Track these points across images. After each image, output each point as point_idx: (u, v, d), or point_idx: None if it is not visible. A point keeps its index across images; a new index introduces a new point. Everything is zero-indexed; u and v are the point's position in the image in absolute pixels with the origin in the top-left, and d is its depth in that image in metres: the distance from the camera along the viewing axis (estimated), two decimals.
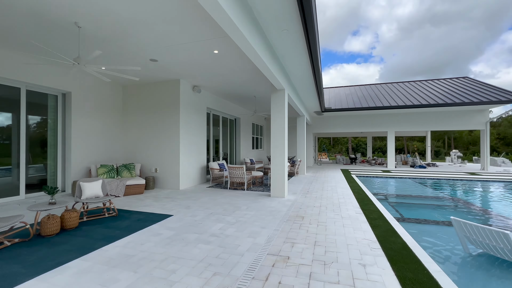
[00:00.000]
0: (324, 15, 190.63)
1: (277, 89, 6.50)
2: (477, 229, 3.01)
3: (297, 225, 4.25)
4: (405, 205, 6.57)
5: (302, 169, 11.81)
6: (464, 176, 11.43)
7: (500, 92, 13.63)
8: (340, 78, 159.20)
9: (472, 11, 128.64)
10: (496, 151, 48.62)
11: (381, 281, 2.48)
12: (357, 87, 20.40)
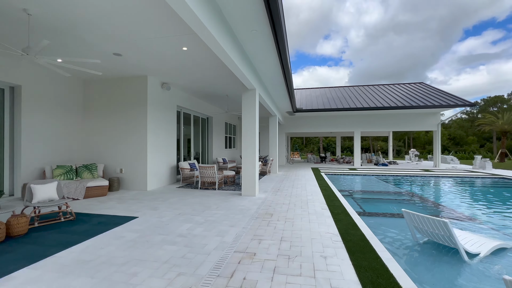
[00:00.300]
0: (297, 18, 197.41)
1: (248, 88, 6.56)
2: (423, 219, 3.35)
3: (266, 222, 4.34)
4: (367, 200, 7.04)
5: (274, 168, 12.04)
6: (419, 173, 12.57)
7: (450, 97, 15.20)
8: (313, 80, 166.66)
9: (429, 22, 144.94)
10: (447, 150, 54.17)
11: (339, 270, 2.65)
12: (327, 89, 21.29)
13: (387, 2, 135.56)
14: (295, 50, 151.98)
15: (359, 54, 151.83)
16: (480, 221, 4.93)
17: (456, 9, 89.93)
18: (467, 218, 5.16)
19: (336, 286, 2.37)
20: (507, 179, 10.68)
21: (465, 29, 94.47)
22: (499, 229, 4.47)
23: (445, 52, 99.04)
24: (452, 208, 6.18)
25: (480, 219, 5.14)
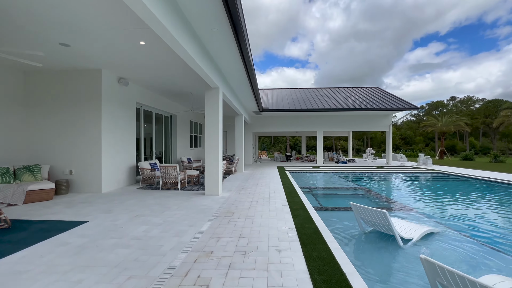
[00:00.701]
0: (266, 19, 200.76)
1: (211, 87, 6.51)
2: (367, 210, 3.72)
3: (226, 220, 4.38)
4: (326, 196, 7.51)
5: (240, 167, 12.11)
6: (372, 170, 13.75)
7: (399, 101, 16.87)
8: (281, 80, 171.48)
9: (384, 32, 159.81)
10: (399, 148, 59.99)
11: (291, 262, 2.81)
12: (293, 90, 22.02)
13: (349, 10, 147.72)
14: (264, 51, 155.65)
15: (324, 57, 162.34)
16: (416, 211, 5.60)
17: (407, 22, 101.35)
18: (408, 208, 5.83)
19: (286, 276, 2.52)
20: (442, 174, 12.26)
21: (415, 40, 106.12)
22: (431, 217, 5.14)
23: (398, 60, 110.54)
24: (397, 199, 6.91)
25: (417, 209, 5.85)
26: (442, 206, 6.35)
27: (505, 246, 3.74)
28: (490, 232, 4.36)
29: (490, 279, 2.43)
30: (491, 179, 9.79)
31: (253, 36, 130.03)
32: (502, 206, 6.28)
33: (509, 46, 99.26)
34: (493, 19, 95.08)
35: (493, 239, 4.05)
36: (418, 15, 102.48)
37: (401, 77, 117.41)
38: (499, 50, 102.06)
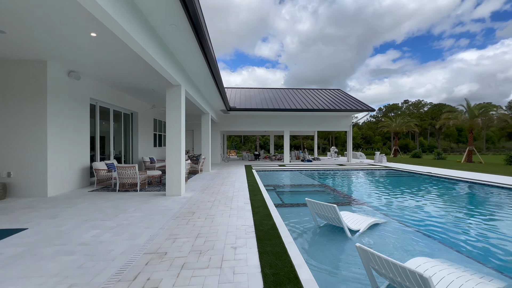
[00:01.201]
0: (237, 17, 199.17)
1: (173, 84, 6.32)
2: (320, 205, 3.96)
3: (186, 221, 4.31)
4: (288, 193, 7.78)
5: (207, 166, 11.95)
6: (334, 167, 14.59)
7: (359, 103, 18.11)
8: (252, 79, 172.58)
9: (349, 38, 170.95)
10: (360, 147, 64.47)
11: (245, 258, 2.88)
12: (262, 90, 22.29)
13: (317, 14, 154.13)
14: (234, 49, 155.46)
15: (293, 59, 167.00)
16: (367, 204, 6.11)
17: (369, 29, 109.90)
18: (360, 202, 6.32)
19: (239, 272, 2.58)
20: (393, 170, 13.51)
21: (375, 47, 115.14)
22: (379, 209, 5.65)
23: (360, 65, 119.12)
24: (351, 194, 7.45)
25: (368, 202, 6.38)
26: (389, 199, 7.02)
27: (436, 232, 4.28)
28: (425, 220, 4.95)
29: (416, 261, 2.77)
30: (432, 174, 11.06)
31: (223, 34, 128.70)
32: (439, 198, 7.15)
33: (451, 56, 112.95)
34: (439, 32, 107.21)
35: (427, 226, 4.60)
36: (378, 23, 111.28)
37: (363, 81, 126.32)
38: (444, 60, 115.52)
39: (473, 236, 4.17)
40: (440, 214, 5.42)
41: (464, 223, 4.84)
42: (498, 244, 3.80)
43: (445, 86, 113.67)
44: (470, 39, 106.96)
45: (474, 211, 5.67)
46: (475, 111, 20.07)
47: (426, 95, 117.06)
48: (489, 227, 4.61)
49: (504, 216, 5.30)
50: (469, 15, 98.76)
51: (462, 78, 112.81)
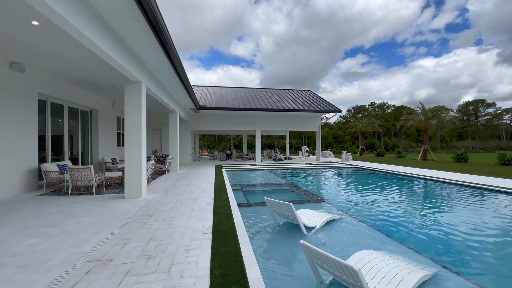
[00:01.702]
0: (212, 14, 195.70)
1: (132, 81, 5.99)
2: (277, 204, 4.04)
3: (141, 224, 4.11)
4: (255, 192, 7.83)
5: (175, 166, 11.57)
6: (303, 166, 15.02)
7: (328, 104, 18.85)
8: (227, 78, 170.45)
9: (321, 41, 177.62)
10: (331, 146, 67.26)
11: (196, 261, 2.82)
12: (236, 89, 22.14)
13: (291, 17, 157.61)
14: (209, 46, 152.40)
15: (268, 59, 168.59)
16: (328, 201, 6.37)
17: (340, 34, 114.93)
18: (321, 199, 6.57)
19: (187, 275, 2.52)
20: (357, 168, 14.31)
21: (345, 51, 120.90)
22: (338, 206, 5.93)
23: (332, 67, 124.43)
24: (315, 192, 7.73)
25: (329, 199, 6.66)
26: (349, 195, 7.40)
27: (386, 226, 4.60)
28: (378, 215, 5.29)
29: (361, 254, 2.93)
30: (390, 171, 11.90)
31: (197, 30, 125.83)
32: (393, 193, 7.70)
33: (412, 63, 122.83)
34: (402, 40, 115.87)
35: (379, 220, 4.92)
36: (348, 29, 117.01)
37: (335, 83, 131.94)
38: (406, 66, 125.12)
39: (417, 228, 4.55)
40: (392, 208, 5.83)
41: (412, 216, 5.26)
42: (438, 235, 4.19)
43: (407, 90, 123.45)
44: (428, 47, 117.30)
45: (422, 205, 6.20)
46: (429, 114, 22.05)
47: (391, 97, 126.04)
48: (433, 219, 5.07)
49: (446, 208, 5.87)
50: (427, 26, 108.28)
51: (421, 83, 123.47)
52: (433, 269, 2.84)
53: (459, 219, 4.97)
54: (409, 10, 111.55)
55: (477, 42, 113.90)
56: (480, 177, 9.68)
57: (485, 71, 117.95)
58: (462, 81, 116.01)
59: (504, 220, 4.87)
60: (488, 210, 5.63)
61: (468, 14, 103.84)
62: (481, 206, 5.97)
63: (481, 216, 5.11)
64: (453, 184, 8.57)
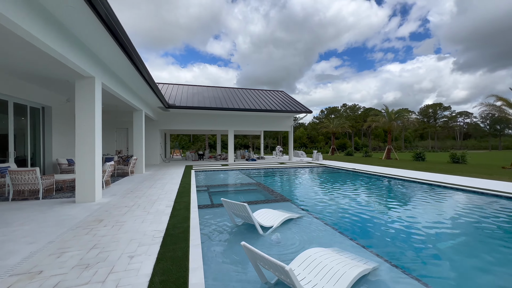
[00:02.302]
0: (187, 11, 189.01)
1: (84, 76, 5.56)
2: (233, 204, 4.00)
3: (87, 230, 3.82)
4: (221, 193, 7.72)
5: (140, 167, 11.03)
6: (275, 166, 15.20)
7: (300, 105, 19.27)
8: (203, 77, 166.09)
9: (297, 43, 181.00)
10: (306, 146, 69.07)
11: (137, 268, 2.67)
12: (209, 88, 21.73)
13: (268, 18, 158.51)
14: (184, 44, 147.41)
15: (245, 59, 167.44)
16: (291, 200, 6.48)
17: (315, 37, 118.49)
18: (285, 199, 6.66)
19: (123, 284, 2.37)
20: (325, 167, 14.82)
21: (320, 53, 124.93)
22: (300, 204, 6.05)
23: (307, 69, 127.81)
24: (281, 191, 7.83)
25: (293, 198, 6.78)
26: (313, 194, 7.61)
27: (341, 223, 4.77)
28: (337, 212, 5.49)
29: (308, 252, 2.99)
30: (355, 170, 12.48)
31: (172, 27, 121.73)
32: (354, 191, 8.07)
33: (381, 67, 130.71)
34: (372, 45, 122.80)
35: (337, 218, 5.10)
36: (323, 32, 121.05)
37: (310, 84, 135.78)
38: (375, 70, 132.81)
39: (370, 224, 4.79)
40: (350, 205, 6.09)
41: (366, 212, 5.53)
42: (386, 230, 4.44)
43: (376, 92, 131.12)
44: (394, 53, 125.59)
45: (379, 202, 6.55)
46: (392, 115, 23.59)
47: (362, 100, 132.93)
48: (386, 215, 5.38)
49: (399, 204, 6.27)
50: (394, 33, 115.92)
51: (389, 86, 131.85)
52: (374, 263, 2.98)
53: (407, 214, 5.32)
54: (378, 17, 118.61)
55: (437, 50, 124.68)
56: (432, 174, 10.53)
57: (443, 77, 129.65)
58: (424, 86, 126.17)
59: (447, 214, 5.32)
60: (435, 205, 6.12)
61: (429, 24, 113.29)
62: (428, 202, 6.47)
63: (428, 211, 5.53)
64: (407, 181, 9.21)
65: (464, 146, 74.06)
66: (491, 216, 5.09)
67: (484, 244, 3.89)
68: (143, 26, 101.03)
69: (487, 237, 4.11)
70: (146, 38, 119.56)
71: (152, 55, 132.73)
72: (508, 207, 5.73)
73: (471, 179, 9.06)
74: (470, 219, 4.94)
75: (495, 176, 10.11)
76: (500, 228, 4.46)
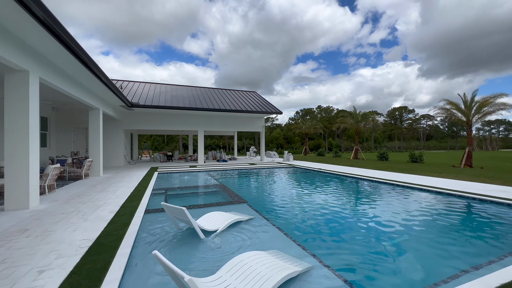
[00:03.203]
0: (163, 7, 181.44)
1: (15, 69, 5.01)
2: (172, 209, 3.82)
3: (3, 243, 3.40)
4: (179, 196, 7.44)
5: (97, 170, 10.31)
6: (245, 166, 15.12)
7: (270, 106, 19.41)
8: (180, 76, 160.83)
9: (275, 45, 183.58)
10: (282, 147, 69.94)
11: (43, 284, 2.40)
12: (178, 87, 21.03)
13: (247, 18, 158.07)
14: (160, 41, 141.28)
15: (224, 59, 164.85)
16: (247, 202, 6.41)
17: (292, 40, 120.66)
18: (242, 200, 6.58)
19: None
20: (294, 167, 15.07)
21: (297, 56, 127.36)
22: (256, 206, 6.00)
23: (285, 71, 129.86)
24: (241, 193, 7.75)
25: (251, 200, 6.73)
26: (271, 195, 7.64)
27: (291, 224, 4.79)
28: (289, 213, 5.52)
29: (242, 256, 2.90)
30: (321, 170, 12.82)
31: (147, 22, 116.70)
32: (314, 191, 8.23)
33: (354, 71, 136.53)
34: (346, 50, 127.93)
35: (287, 219, 5.12)
36: (300, 36, 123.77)
37: (287, 86, 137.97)
38: (349, 74, 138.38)
39: (318, 224, 4.86)
40: (301, 206, 6.17)
41: (317, 213, 5.63)
42: (332, 231, 4.53)
43: (350, 95, 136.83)
44: (366, 59, 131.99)
45: (335, 202, 6.72)
46: (359, 117, 24.74)
47: (337, 102, 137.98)
48: (337, 216, 5.51)
49: (354, 204, 6.49)
50: (366, 40, 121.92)
51: (361, 90, 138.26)
52: (307, 265, 2.98)
53: (355, 212, 5.51)
54: (351, 24, 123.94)
55: (404, 57, 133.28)
56: (389, 173, 11.14)
57: (409, 83, 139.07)
58: (392, 90, 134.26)
59: (397, 214, 5.59)
60: (387, 203, 6.42)
61: (397, 32, 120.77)
62: (377, 200, 6.78)
63: (378, 209, 5.77)
64: (364, 180, 9.63)
65: (427, 146, 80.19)
66: (427, 210, 5.44)
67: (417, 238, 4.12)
68: (114, 21, 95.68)
69: (420, 231, 4.36)
70: (118, 34, 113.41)
71: (125, 51, 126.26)
72: (444, 201, 6.19)
73: (421, 177, 9.71)
74: (414, 217, 5.22)
75: (443, 174, 10.95)
76: (434, 222, 4.76)
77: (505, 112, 14.20)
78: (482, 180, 9.42)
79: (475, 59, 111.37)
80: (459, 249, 3.69)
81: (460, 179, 9.57)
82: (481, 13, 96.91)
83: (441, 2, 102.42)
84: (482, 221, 4.95)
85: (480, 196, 6.41)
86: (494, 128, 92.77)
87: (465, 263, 3.21)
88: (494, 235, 4.27)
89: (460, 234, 4.41)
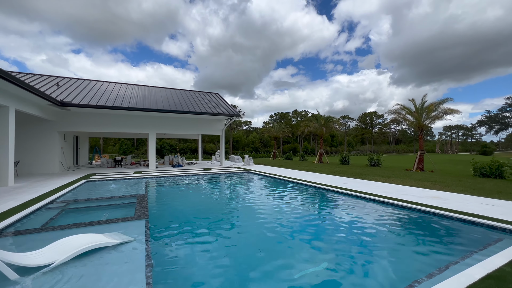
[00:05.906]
0: (140, 6, 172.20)
1: None
2: None
3: None
4: (80, 210, 6.31)
5: (4, 178, 8.78)
6: (197, 172, 14.12)
7: (230, 108, 18.64)
8: (158, 77, 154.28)
9: (256, 49, 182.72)
10: (258, 151, 69.44)
11: None
12: (129, 86, 19.50)
13: (228, 22, 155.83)
14: (136, 41, 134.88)
15: (204, 61, 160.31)
16: (147, 218, 5.52)
17: (273, 44, 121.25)
18: (144, 216, 5.67)
19: None
20: (250, 173, 14.38)
21: (278, 61, 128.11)
22: (156, 222, 5.12)
23: (266, 76, 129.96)
24: (158, 205, 6.83)
25: (157, 214, 5.84)
26: (188, 207, 6.80)
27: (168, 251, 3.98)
28: (189, 231, 4.72)
29: None
30: (275, 176, 12.20)
31: (122, 21, 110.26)
32: (251, 198, 7.53)
33: (332, 78, 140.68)
34: (324, 57, 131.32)
35: (180, 239, 4.31)
36: (280, 41, 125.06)
37: (268, 90, 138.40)
38: (327, 80, 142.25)
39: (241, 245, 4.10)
40: (217, 219, 5.41)
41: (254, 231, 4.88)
42: None
43: (328, 101, 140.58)
44: (343, 66, 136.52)
45: (282, 214, 6.03)
46: (322, 121, 24.86)
47: (315, 107, 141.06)
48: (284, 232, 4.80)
49: (298, 212, 5.84)
50: (343, 47, 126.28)
51: (338, 95, 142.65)
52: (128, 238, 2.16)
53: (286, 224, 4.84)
54: (329, 32, 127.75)
55: (377, 65, 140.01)
56: (337, 177, 10.80)
57: (382, 90, 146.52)
58: (367, 96, 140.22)
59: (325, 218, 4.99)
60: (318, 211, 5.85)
61: (371, 42, 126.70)
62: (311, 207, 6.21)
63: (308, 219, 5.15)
64: (308, 186, 9.14)
65: (396, 149, 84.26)
66: (356, 219, 4.92)
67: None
68: (85, 17, 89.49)
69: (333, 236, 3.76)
70: (90, 31, 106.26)
71: (98, 50, 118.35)
72: (366, 210, 5.76)
73: (367, 182, 9.46)
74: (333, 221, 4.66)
75: (391, 179, 10.85)
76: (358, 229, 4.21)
77: (451, 117, 14.69)
78: (424, 185, 9.35)
79: (439, 69, 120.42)
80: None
81: (405, 184, 9.47)
82: (444, 27, 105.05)
83: (409, 16, 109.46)
84: (392, 233, 4.50)
85: (409, 204, 6.09)
86: (454, 133, 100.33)
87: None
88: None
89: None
